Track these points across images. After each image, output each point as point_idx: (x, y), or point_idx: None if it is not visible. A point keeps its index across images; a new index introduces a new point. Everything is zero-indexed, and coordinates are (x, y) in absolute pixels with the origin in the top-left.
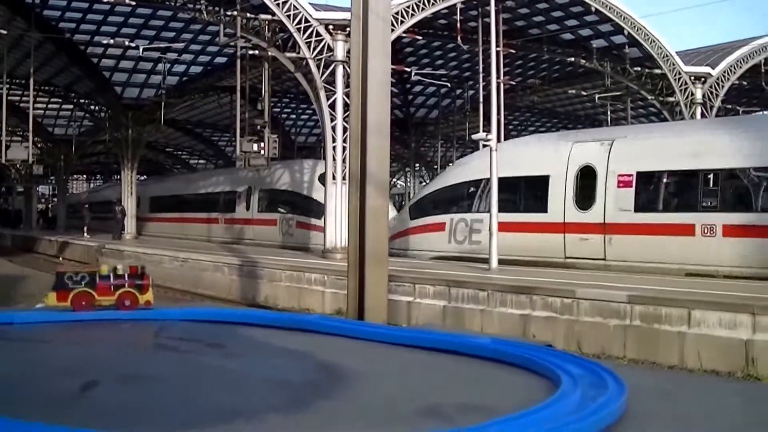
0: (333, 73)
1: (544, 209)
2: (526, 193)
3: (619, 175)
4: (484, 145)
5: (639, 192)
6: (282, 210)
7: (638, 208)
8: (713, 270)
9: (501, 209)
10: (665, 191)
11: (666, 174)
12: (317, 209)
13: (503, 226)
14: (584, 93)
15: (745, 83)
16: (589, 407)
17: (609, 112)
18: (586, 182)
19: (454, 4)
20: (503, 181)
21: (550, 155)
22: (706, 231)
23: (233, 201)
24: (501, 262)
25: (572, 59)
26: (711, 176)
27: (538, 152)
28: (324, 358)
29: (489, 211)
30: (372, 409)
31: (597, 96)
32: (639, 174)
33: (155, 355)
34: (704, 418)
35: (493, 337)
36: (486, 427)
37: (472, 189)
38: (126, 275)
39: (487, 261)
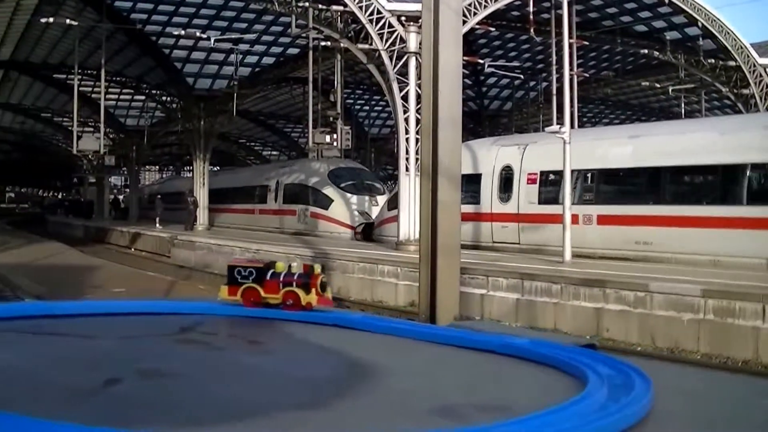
0: (406, 65)
1: (477, 201)
2: (466, 188)
3: (528, 174)
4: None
5: (541, 188)
6: (300, 202)
7: (541, 201)
8: (592, 252)
9: None
10: (558, 187)
11: (558, 173)
12: (326, 201)
13: None
14: (658, 85)
15: None
16: (612, 407)
17: (683, 105)
18: (506, 179)
19: None
20: None
21: (483, 156)
22: (586, 220)
23: (265, 194)
24: None
25: (645, 51)
26: (589, 175)
27: (475, 154)
28: (357, 355)
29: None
30: (388, 406)
31: (671, 88)
32: (542, 173)
33: (184, 350)
34: (731, 420)
35: (531, 337)
36: (502, 427)
37: None
38: (297, 274)
39: None
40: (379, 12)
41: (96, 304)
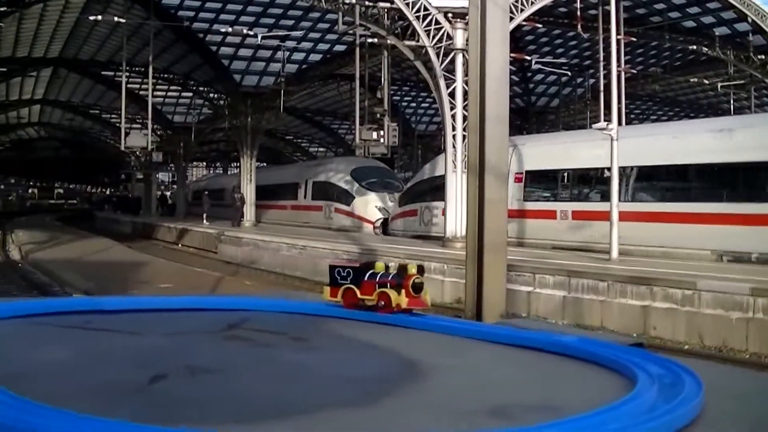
0: (453, 62)
1: None
2: None
3: (515, 174)
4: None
5: (526, 186)
6: (325, 198)
7: (525, 198)
8: (567, 244)
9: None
10: (540, 185)
11: (540, 172)
12: (348, 198)
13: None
14: (706, 81)
15: None
16: (662, 407)
17: (732, 101)
18: None
19: None
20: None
21: None
22: (563, 215)
23: (296, 191)
24: (437, 239)
25: (694, 47)
26: (565, 174)
27: None
28: (404, 353)
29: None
30: (436, 406)
31: (719, 85)
32: (527, 172)
33: (231, 347)
34: None
35: (579, 335)
36: (551, 427)
37: (432, 184)
38: (392, 274)
39: (437, 239)
40: (425, 9)
41: (143, 300)
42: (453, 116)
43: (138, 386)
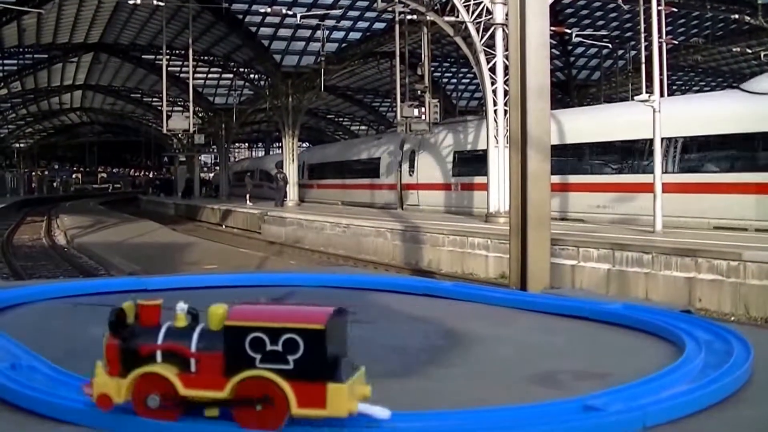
0: (492, 37)
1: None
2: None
3: (307, 165)
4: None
5: (309, 173)
6: (264, 180)
7: (308, 179)
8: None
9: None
10: (315, 172)
11: (316, 165)
12: (271, 179)
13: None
14: (749, 51)
15: None
16: (711, 374)
17: None
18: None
19: None
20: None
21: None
22: (315, 187)
23: (253, 175)
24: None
25: (736, 16)
26: (309, 168)
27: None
28: (449, 324)
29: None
30: (484, 375)
31: (762, 53)
32: (308, 165)
33: None
34: None
35: (624, 302)
36: (601, 396)
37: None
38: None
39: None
40: None
41: (188, 278)
42: (494, 91)
43: None
